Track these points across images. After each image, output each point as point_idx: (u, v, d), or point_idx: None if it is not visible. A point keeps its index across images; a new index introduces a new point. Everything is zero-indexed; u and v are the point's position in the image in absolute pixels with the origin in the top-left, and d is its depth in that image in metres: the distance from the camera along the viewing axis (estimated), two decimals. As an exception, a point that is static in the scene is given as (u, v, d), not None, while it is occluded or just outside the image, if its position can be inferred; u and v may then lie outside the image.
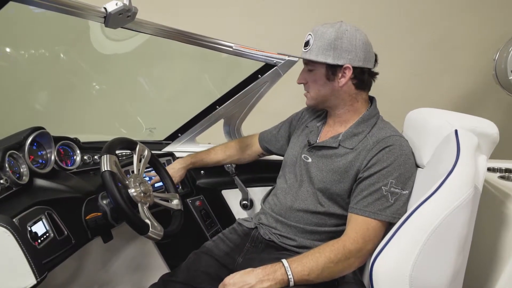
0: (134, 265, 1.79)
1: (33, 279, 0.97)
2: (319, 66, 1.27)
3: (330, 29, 1.23)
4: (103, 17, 1.21)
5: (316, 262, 1.12)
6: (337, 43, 1.22)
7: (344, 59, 1.23)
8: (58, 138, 1.45)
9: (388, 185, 1.16)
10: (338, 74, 1.25)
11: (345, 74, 1.24)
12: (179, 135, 1.98)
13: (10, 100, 2.49)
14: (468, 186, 0.98)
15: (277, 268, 1.12)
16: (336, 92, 1.28)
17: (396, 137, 1.23)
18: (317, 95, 1.32)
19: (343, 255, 1.12)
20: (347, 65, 1.23)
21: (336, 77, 1.26)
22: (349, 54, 1.23)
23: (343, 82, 1.25)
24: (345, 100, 1.30)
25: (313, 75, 1.30)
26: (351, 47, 1.23)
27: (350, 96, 1.29)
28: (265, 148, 1.67)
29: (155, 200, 1.34)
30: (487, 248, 1.14)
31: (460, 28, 2.74)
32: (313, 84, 1.31)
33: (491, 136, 1.12)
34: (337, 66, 1.24)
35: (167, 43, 1.54)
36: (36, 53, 2.46)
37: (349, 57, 1.23)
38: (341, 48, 1.22)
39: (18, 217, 1.03)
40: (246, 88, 1.75)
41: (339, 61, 1.23)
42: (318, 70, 1.27)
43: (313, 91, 1.32)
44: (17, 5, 1.05)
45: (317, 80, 1.29)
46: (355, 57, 1.23)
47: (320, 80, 1.28)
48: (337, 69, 1.25)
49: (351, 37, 1.23)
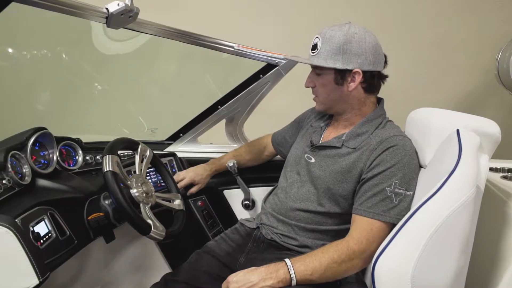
0: (136, 265, 1.79)
1: (36, 279, 0.97)
2: (327, 70, 1.25)
3: (339, 32, 1.21)
4: (105, 18, 1.21)
5: (320, 262, 1.11)
6: (346, 47, 1.20)
7: (353, 64, 1.21)
8: (60, 138, 1.46)
9: (392, 186, 1.15)
10: (347, 78, 1.23)
11: (354, 79, 1.23)
12: (181, 135, 1.98)
13: (12, 101, 2.50)
14: (470, 186, 0.98)
15: (279, 267, 1.11)
16: (345, 97, 1.27)
17: (399, 137, 1.22)
18: (326, 99, 1.30)
19: (346, 256, 1.12)
20: (357, 70, 1.21)
21: (345, 82, 1.24)
22: (359, 58, 1.20)
23: (352, 87, 1.24)
24: (354, 104, 1.29)
25: (321, 79, 1.28)
26: (360, 50, 1.20)
27: (359, 100, 1.28)
28: (279, 150, 1.67)
29: (157, 200, 1.34)
30: (489, 248, 1.14)
31: (461, 27, 2.74)
32: (321, 89, 1.29)
33: (493, 135, 1.12)
34: (346, 70, 1.22)
35: (169, 43, 1.54)
36: (38, 53, 2.47)
37: (359, 61, 1.21)
38: (350, 52, 1.20)
39: (20, 218, 1.03)
40: (248, 88, 1.75)
41: (349, 66, 1.21)
42: (327, 74, 1.26)
43: (321, 96, 1.31)
44: (19, 6, 1.06)
45: (326, 85, 1.27)
46: (365, 61, 1.21)
47: (329, 84, 1.26)
48: (346, 74, 1.23)
49: (360, 41, 1.20)
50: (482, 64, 2.72)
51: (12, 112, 2.45)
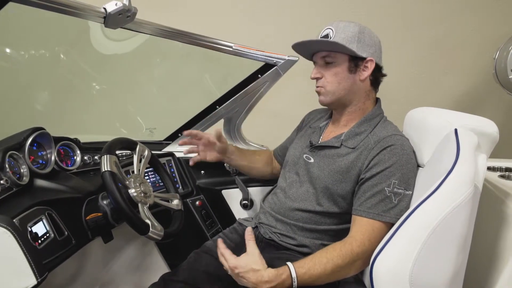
0: (134, 265, 1.79)
1: (34, 279, 0.96)
2: (341, 57, 1.25)
3: (352, 24, 1.25)
4: (102, 18, 1.21)
5: (324, 268, 1.10)
6: (361, 37, 1.23)
7: (367, 52, 1.24)
8: (58, 138, 1.45)
9: (391, 186, 1.16)
10: (360, 66, 1.25)
11: (366, 68, 1.25)
12: (179, 135, 1.98)
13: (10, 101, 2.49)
14: (468, 185, 0.98)
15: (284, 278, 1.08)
16: (356, 87, 1.27)
17: (397, 136, 1.22)
18: (336, 88, 1.27)
19: (351, 259, 1.12)
20: (370, 58, 1.24)
21: (359, 70, 1.25)
22: (371, 48, 1.24)
23: (365, 76, 1.25)
24: (360, 96, 1.30)
25: (333, 68, 1.26)
26: (372, 42, 1.25)
27: (365, 92, 1.30)
28: (279, 160, 1.63)
29: (155, 200, 1.34)
30: (487, 247, 1.14)
31: (460, 27, 2.74)
32: (332, 77, 1.27)
33: (491, 135, 1.12)
34: (360, 58, 1.24)
35: (167, 43, 1.54)
36: (36, 53, 2.46)
37: (371, 51, 1.24)
38: (364, 42, 1.23)
39: (18, 218, 1.03)
40: (246, 88, 1.76)
41: (363, 53, 1.23)
42: (340, 61, 1.25)
43: (331, 85, 1.27)
44: (17, 6, 1.06)
45: (338, 73, 1.26)
46: (375, 52, 1.25)
47: (342, 72, 1.26)
48: (359, 61, 1.25)
49: (371, 34, 1.26)
50: (481, 64, 2.73)
51: (9, 112, 2.44)
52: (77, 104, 2.60)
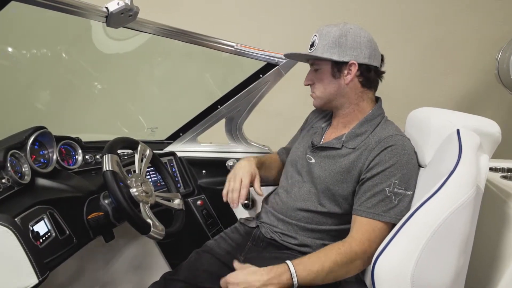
0: (135, 264, 1.79)
1: (35, 278, 0.96)
2: (324, 64, 1.27)
3: (334, 28, 1.25)
4: (104, 17, 1.21)
5: (322, 265, 1.10)
6: (342, 41, 1.23)
7: (349, 56, 1.23)
8: (60, 137, 1.46)
9: (391, 186, 1.16)
10: (343, 71, 1.25)
11: (350, 71, 1.25)
12: (180, 134, 1.98)
13: (12, 100, 2.49)
14: (470, 185, 0.98)
15: (282, 272, 1.10)
16: (342, 90, 1.28)
17: (398, 136, 1.22)
18: (323, 93, 1.31)
19: (349, 258, 1.12)
20: (353, 61, 1.23)
21: (342, 74, 1.26)
22: (354, 51, 1.23)
23: (349, 79, 1.25)
24: (351, 98, 1.30)
25: (319, 74, 1.30)
26: (355, 44, 1.24)
27: (356, 94, 1.29)
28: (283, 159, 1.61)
29: (156, 199, 1.34)
30: (489, 248, 1.14)
31: (461, 27, 2.74)
32: (319, 84, 1.30)
33: (493, 135, 1.12)
34: (343, 63, 1.24)
35: (169, 43, 1.54)
36: (38, 52, 2.47)
37: (354, 53, 1.24)
38: (346, 45, 1.23)
39: (20, 217, 1.03)
40: (247, 88, 1.75)
41: (344, 58, 1.23)
42: (324, 68, 1.28)
43: (318, 90, 1.31)
44: (19, 5, 1.06)
45: (323, 79, 1.29)
46: (360, 53, 1.24)
47: (326, 78, 1.28)
48: (342, 66, 1.25)
49: (355, 35, 1.24)
50: (482, 64, 2.72)
51: (11, 111, 2.44)
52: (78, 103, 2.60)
